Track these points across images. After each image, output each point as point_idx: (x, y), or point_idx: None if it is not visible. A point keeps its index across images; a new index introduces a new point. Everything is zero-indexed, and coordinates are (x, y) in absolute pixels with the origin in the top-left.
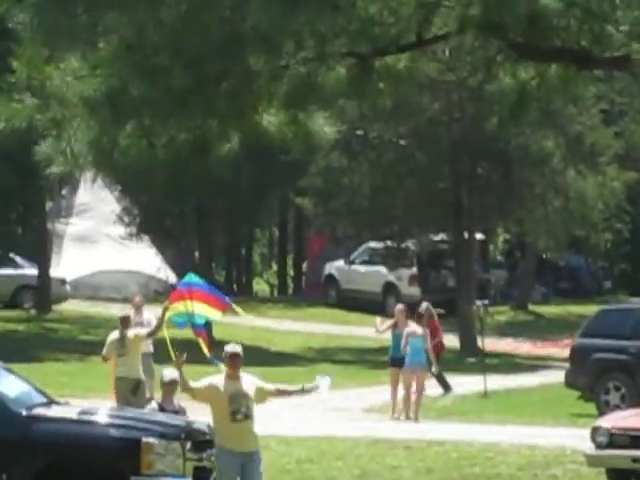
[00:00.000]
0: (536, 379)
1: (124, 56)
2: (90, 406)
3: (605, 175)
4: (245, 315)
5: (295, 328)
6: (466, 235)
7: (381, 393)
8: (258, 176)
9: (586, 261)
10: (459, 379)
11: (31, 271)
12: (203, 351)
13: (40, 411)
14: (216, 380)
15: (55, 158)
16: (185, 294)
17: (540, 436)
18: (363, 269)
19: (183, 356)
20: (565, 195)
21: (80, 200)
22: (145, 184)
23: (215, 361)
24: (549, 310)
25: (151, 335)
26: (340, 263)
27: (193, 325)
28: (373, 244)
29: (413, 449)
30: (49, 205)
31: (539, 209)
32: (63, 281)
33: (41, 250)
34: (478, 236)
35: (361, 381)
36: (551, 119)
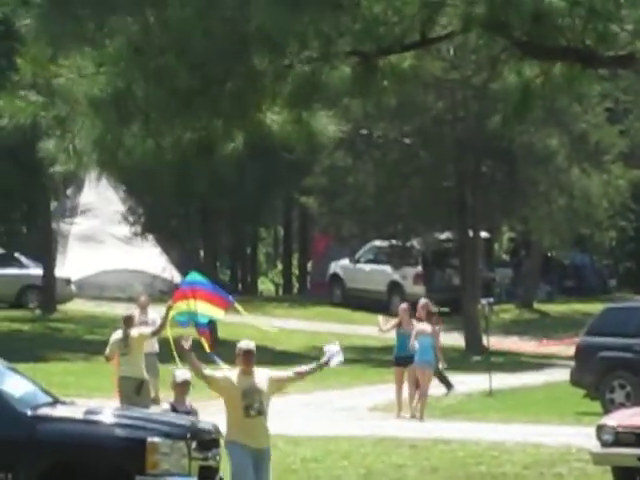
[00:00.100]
0: (541, 377)
1: (129, 57)
2: (95, 406)
3: (610, 173)
4: (247, 315)
5: (300, 327)
6: (471, 234)
7: (386, 392)
8: (263, 175)
9: (591, 259)
10: (464, 378)
11: (36, 271)
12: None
13: (45, 411)
14: (231, 374)
15: (59, 156)
16: (188, 293)
17: (545, 434)
18: (368, 268)
19: (189, 340)
20: (570, 193)
21: (85, 200)
22: (150, 184)
23: (215, 358)
24: (554, 308)
25: (155, 334)
26: (345, 262)
27: (196, 324)
28: (378, 243)
29: (418, 448)
30: (54, 205)
31: (544, 207)
32: (68, 281)
33: (46, 250)
34: (483, 234)
35: (366, 380)
36: (556, 117)
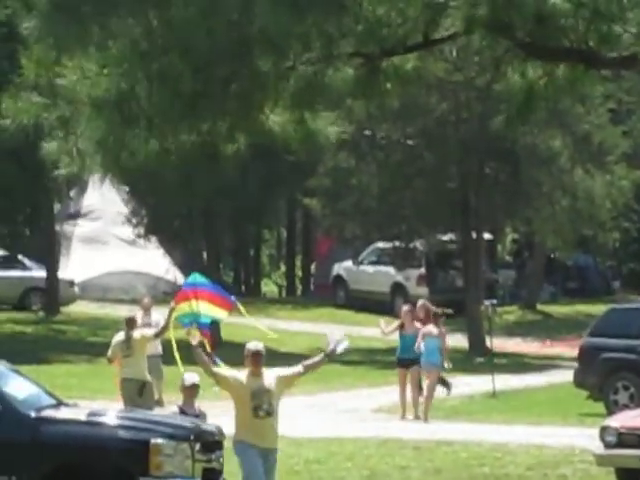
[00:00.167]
0: (544, 379)
1: (133, 59)
2: (99, 408)
3: (613, 174)
4: (248, 316)
5: (303, 329)
6: (474, 235)
7: (390, 393)
8: (265, 177)
9: (594, 260)
10: (467, 379)
11: (39, 273)
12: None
13: (49, 413)
14: (240, 374)
15: (62, 158)
16: (190, 294)
17: (549, 436)
18: (371, 269)
19: (197, 336)
20: (573, 194)
21: (88, 201)
22: (153, 185)
23: (216, 359)
24: (557, 310)
25: (158, 336)
26: (348, 264)
27: (198, 325)
28: (381, 244)
29: (422, 449)
30: (57, 207)
31: (547, 208)
32: (71, 283)
33: (49, 252)
34: (486, 236)
35: (370, 381)
36: (559, 118)
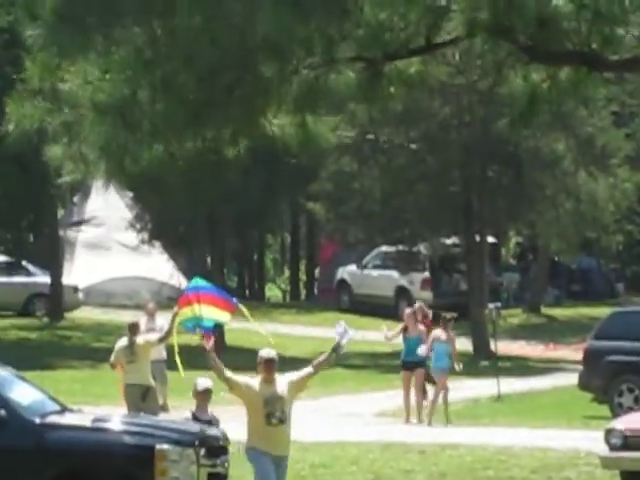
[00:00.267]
0: (549, 382)
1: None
2: (103, 413)
3: (616, 177)
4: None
5: (307, 333)
6: (478, 238)
7: (394, 397)
8: (269, 182)
9: (598, 263)
10: (472, 382)
11: (43, 279)
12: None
13: (53, 419)
14: (253, 381)
15: (66, 164)
16: (192, 298)
17: (554, 439)
18: (375, 273)
19: (211, 340)
20: (576, 197)
21: (92, 207)
22: (157, 191)
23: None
24: (561, 312)
25: (162, 341)
26: (352, 268)
27: (201, 328)
28: (385, 248)
29: (427, 453)
30: (61, 212)
31: (550, 211)
32: (75, 288)
33: (53, 258)
34: (490, 239)
35: (374, 385)
36: (562, 121)
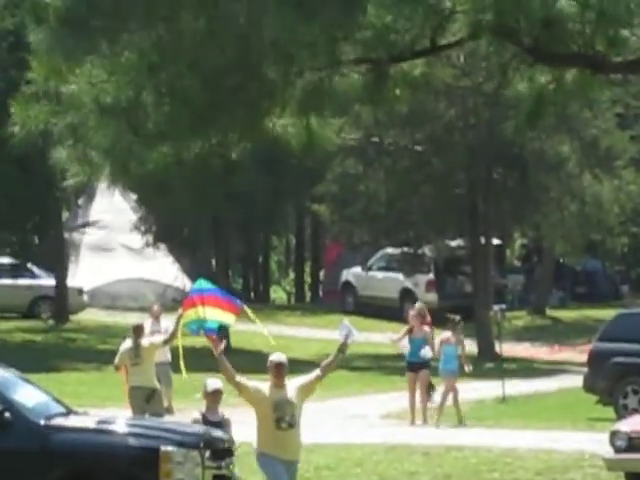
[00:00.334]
0: (554, 384)
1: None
2: (108, 415)
3: (621, 179)
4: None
5: (312, 335)
6: (483, 240)
7: (398, 399)
8: (274, 184)
9: (603, 265)
10: (477, 384)
11: (48, 281)
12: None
13: (58, 421)
14: (262, 386)
15: (71, 166)
16: (197, 300)
17: (558, 441)
18: (380, 275)
19: (222, 343)
20: (581, 199)
21: (96, 209)
22: (162, 194)
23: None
24: (566, 314)
25: (167, 343)
26: (357, 270)
27: (205, 330)
28: (390, 250)
29: (431, 455)
30: (66, 215)
31: (555, 213)
32: (80, 291)
33: (58, 260)
34: (495, 241)
35: (378, 387)
36: (566, 123)
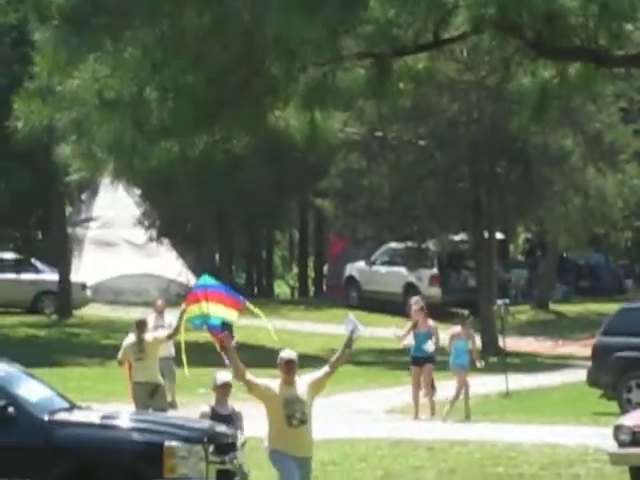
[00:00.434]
0: (558, 378)
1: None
2: (112, 410)
3: (625, 173)
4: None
5: (316, 330)
6: (486, 235)
7: (402, 394)
8: (278, 179)
9: (606, 259)
10: (481, 379)
11: (52, 276)
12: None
13: (62, 416)
14: (272, 383)
15: (74, 161)
16: (200, 296)
17: (562, 435)
18: (384, 270)
19: (234, 340)
20: (585, 193)
21: (100, 204)
22: (166, 190)
23: (226, 360)
24: (570, 309)
25: (170, 337)
26: (361, 264)
27: (209, 326)
28: (393, 245)
29: (436, 450)
30: (69, 210)
31: (559, 208)
32: (84, 286)
33: (61, 255)
34: (498, 236)
35: (383, 382)
36: (570, 117)
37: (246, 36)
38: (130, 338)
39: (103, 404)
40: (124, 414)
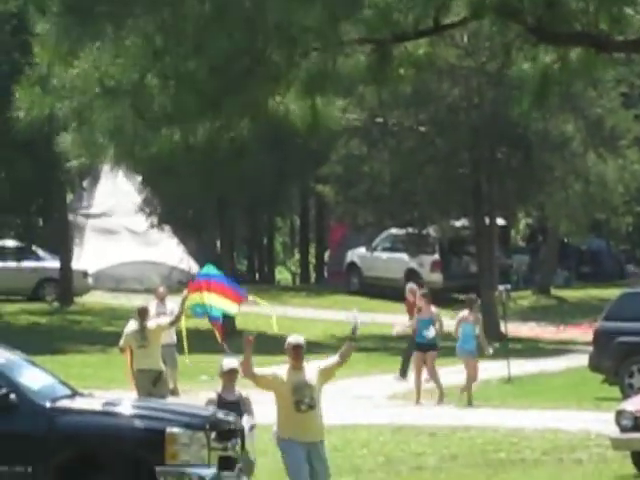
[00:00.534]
0: (559, 363)
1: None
2: (114, 397)
3: (625, 158)
4: (266, 304)
5: (317, 316)
6: (487, 221)
7: (404, 380)
8: (279, 165)
9: (607, 245)
10: (483, 365)
11: (53, 264)
12: (217, 339)
13: (64, 403)
14: (280, 371)
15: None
16: (203, 285)
17: (564, 420)
18: (385, 256)
19: (251, 337)
20: (585, 179)
21: (101, 191)
22: (168, 176)
23: (226, 349)
24: (571, 294)
25: (173, 324)
26: (362, 250)
27: (210, 317)
28: (395, 231)
29: (437, 436)
30: (70, 197)
31: (559, 193)
32: (85, 273)
33: (63, 242)
34: (499, 221)
35: (384, 368)
36: (571, 103)
37: (247, 23)
38: (131, 325)
39: (105, 391)
40: (126, 401)
